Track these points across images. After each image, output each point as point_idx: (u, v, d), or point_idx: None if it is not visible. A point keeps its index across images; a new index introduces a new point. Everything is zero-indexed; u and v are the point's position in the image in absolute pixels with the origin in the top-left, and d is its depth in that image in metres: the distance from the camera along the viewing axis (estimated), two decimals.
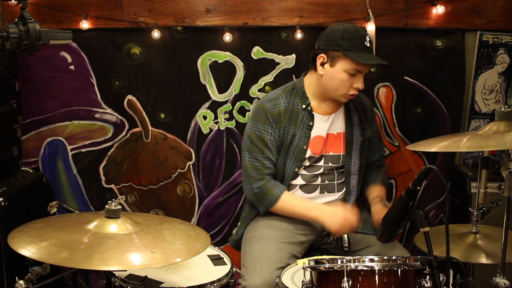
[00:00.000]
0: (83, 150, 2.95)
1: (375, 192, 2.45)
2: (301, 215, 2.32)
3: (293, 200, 2.34)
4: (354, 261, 1.69)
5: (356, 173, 2.41)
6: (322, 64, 2.27)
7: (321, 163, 2.38)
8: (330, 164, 2.38)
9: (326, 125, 2.37)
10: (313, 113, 2.35)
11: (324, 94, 2.34)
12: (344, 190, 2.43)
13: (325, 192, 2.41)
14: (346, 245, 2.27)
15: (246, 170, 2.35)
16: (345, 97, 2.28)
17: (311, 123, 2.34)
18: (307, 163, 2.37)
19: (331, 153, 2.38)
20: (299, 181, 2.39)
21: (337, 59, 2.23)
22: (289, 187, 2.40)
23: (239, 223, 2.53)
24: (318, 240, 2.42)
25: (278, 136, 2.33)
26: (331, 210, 2.25)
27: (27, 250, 1.60)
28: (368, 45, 2.23)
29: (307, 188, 2.40)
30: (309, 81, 2.37)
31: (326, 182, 2.40)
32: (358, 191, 2.45)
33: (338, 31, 2.23)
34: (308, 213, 2.29)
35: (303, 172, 2.38)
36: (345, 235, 2.29)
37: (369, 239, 2.35)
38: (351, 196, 2.42)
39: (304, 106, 2.34)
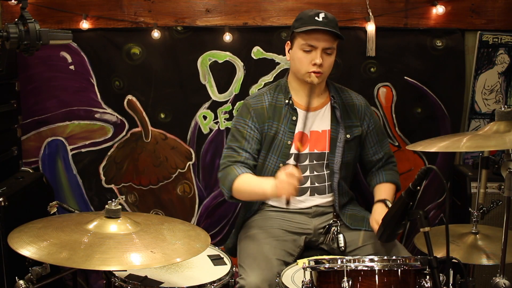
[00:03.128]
0: (83, 150, 2.95)
1: (379, 192, 2.45)
2: (256, 193, 2.26)
3: (249, 179, 2.27)
4: (354, 261, 1.70)
5: (338, 171, 2.39)
6: (288, 51, 2.38)
7: (307, 161, 2.39)
8: (315, 162, 2.39)
9: (310, 122, 2.39)
10: (295, 107, 2.39)
11: (301, 83, 2.39)
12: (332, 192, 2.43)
13: (315, 194, 2.41)
14: (342, 244, 2.29)
15: (221, 161, 2.39)
16: (309, 76, 2.29)
17: (294, 118, 2.37)
18: (293, 162, 2.34)
19: (315, 151, 2.39)
20: None
21: (294, 40, 2.33)
22: None
23: (233, 230, 2.55)
24: (314, 240, 2.42)
25: (258, 131, 2.36)
26: (272, 185, 2.13)
27: (27, 250, 1.61)
28: (320, 19, 2.25)
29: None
30: (290, 76, 2.44)
31: (316, 184, 2.40)
32: (342, 189, 2.42)
33: (295, 19, 2.35)
34: (261, 189, 2.19)
35: None
36: (341, 235, 2.31)
37: (365, 237, 2.36)
38: (335, 195, 2.41)
39: (286, 101, 2.39)
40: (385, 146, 2.54)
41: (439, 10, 2.78)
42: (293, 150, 2.36)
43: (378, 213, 2.27)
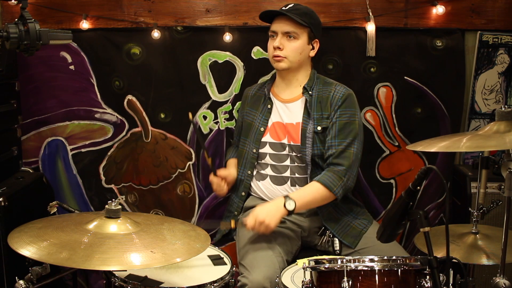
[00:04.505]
0: (83, 150, 2.95)
1: (299, 189, 2.37)
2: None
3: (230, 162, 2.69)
4: (354, 261, 1.70)
5: (309, 163, 2.38)
6: None
7: (286, 151, 2.43)
8: (293, 153, 2.42)
9: (285, 113, 2.45)
10: (271, 97, 2.51)
11: (277, 73, 2.52)
12: None
13: (297, 185, 2.43)
14: (337, 248, 2.32)
15: None
16: (273, 61, 2.42)
17: (269, 106, 2.48)
18: (270, 151, 2.45)
19: (291, 143, 2.43)
20: (268, 171, 2.45)
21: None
22: (260, 177, 2.49)
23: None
24: (309, 240, 2.43)
25: (241, 118, 2.63)
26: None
27: (27, 250, 1.60)
28: (284, 8, 2.36)
29: (277, 179, 2.45)
30: None
31: (296, 175, 2.42)
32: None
33: None
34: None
35: (271, 161, 2.44)
36: (336, 239, 2.34)
37: (363, 241, 2.37)
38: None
39: (266, 91, 2.51)
40: (341, 145, 2.34)
41: (439, 10, 2.78)
42: (266, 139, 2.46)
43: (260, 206, 2.25)
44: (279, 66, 2.40)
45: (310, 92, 2.42)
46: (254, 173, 2.51)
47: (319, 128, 2.37)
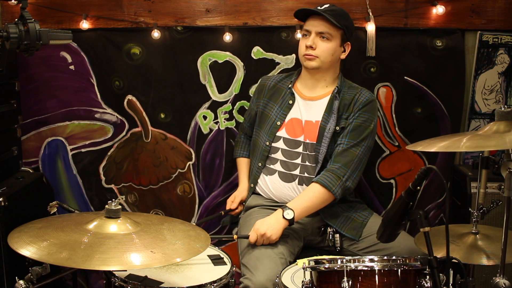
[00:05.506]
0: (83, 150, 2.95)
1: (300, 194, 2.37)
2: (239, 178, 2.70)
3: (238, 167, 2.76)
4: (354, 261, 1.70)
5: (321, 161, 2.40)
6: None
7: (300, 149, 2.42)
8: (307, 152, 2.41)
9: (306, 110, 2.44)
10: (295, 93, 2.48)
11: (305, 71, 2.48)
12: None
13: (304, 184, 2.43)
14: (338, 245, 2.34)
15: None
16: (304, 60, 2.42)
17: (290, 102, 2.47)
18: (283, 146, 2.44)
19: (307, 141, 2.42)
20: (278, 167, 2.45)
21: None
22: (268, 171, 2.49)
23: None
24: (311, 239, 2.43)
25: (256, 107, 2.61)
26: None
27: (27, 250, 1.60)
28: (322, 8, 2.37)
29: (285, 176, 2.45)
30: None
31: (306, 174, 2.43)
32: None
33: None
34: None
35: (282, 157, 2.44)
36: (337, 235, 2.36)
37: (366, 231, 2.38)
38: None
39: (289, 85, 2.49)
40: (347, 145, 2.35)
41: (439, 10, 2.78)
42: (281, 133, 2.45)
43: (260, 220, 2.28)
44: (309, 65, 2.40)
45: (338, 95, 2.42)
46: (264, 166, 2.51)
47: (337, 128, 2.39)
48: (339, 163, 2.34)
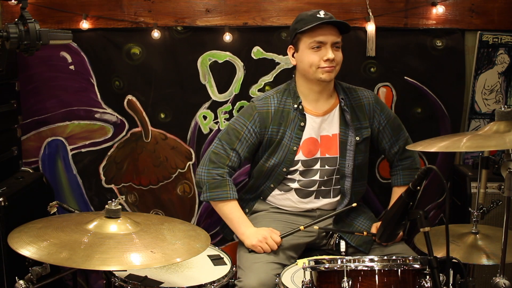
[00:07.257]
0: (83, 150, 2.95)
1: (394, 196, 2.47)
2: (232, 225, 2.37)
3: (235, 209, 2.35)
4: (354, 261, 1.70)
5: (350, 175, 2.38)
6: (293, 55, 2.36)
7: (317, 166, 2.37)
8: (326, 167, 2.37)
9: (320, 127, 2.37)
10: (305, 113, 2.36)
11: (310, 86, 2.35)
12: (339, 195, 2.43)
13: (320, 197, 2.41)
14: (343, 250, 2.30)
15: (208, 155, 2.38)
16: (322, 72, 2.27)
17: (302, 124, 2.35)
18: (301, 168, 2.36)
19: (327, 155, 2.38)
20: (295, 185, 2.40)
21: (298, 42, 2.31)
22: (283, 188, 2.41)
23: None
24: (317, 242, 2.42)
25: (257, 135, 2.36)
26: (254, 231, 2.28)
27: (27, 250, 1.61)
28: (322, 16, 2.26)
29: (303, 193, 2.41)
30: (298, 80, 2.41)
31: (323, 188, 2.40)
32: (352, 193, 2.42)
33: (294, 21, 2.33)
34: (237, 227, 2.34)
35: (299, 177, 2.38)
36: (343, 242, 2.31)
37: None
38: (345, 198, 2.41)
39: (295, 106, 2.35)
40: (400, 139, 2.48)
41: (439, 10, 2.78)
42: (298, 157, 2.35)
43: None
44: (330, 77, 2.29)
45: (345, 102, 2.39)
46: (277, 186, 2.44)
47: (357, 138, 2.37)
48: (410, 158, 2.49)
